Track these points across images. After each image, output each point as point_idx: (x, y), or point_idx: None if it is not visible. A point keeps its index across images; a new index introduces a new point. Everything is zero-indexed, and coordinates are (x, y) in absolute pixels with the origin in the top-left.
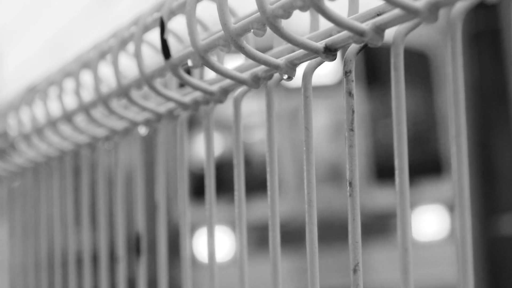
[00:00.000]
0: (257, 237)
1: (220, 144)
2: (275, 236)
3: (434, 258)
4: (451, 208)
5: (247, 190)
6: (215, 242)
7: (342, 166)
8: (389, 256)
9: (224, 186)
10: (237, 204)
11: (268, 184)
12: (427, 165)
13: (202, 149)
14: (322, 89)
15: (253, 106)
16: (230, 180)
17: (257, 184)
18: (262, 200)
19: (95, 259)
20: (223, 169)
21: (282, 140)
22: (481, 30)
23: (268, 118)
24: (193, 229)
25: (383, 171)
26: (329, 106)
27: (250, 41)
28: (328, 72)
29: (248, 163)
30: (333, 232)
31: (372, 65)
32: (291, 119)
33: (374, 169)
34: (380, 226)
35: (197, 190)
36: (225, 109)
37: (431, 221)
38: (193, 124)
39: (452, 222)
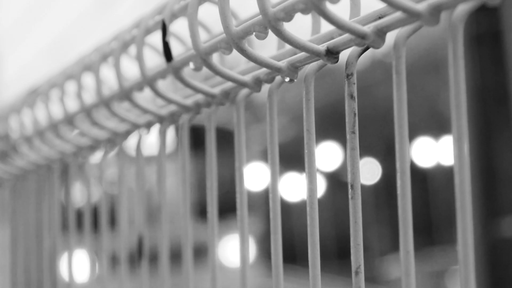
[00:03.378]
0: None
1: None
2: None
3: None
4: (256, 236)
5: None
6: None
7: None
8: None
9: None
10: (239, 209)
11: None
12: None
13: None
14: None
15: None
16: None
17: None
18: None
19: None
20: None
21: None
22: (482, 32)
23: (269, 120)
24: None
25: (204, 211)
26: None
27: (253, 44)
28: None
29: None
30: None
31: (198, 137)
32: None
33: (199, 209)
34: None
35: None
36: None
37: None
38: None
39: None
